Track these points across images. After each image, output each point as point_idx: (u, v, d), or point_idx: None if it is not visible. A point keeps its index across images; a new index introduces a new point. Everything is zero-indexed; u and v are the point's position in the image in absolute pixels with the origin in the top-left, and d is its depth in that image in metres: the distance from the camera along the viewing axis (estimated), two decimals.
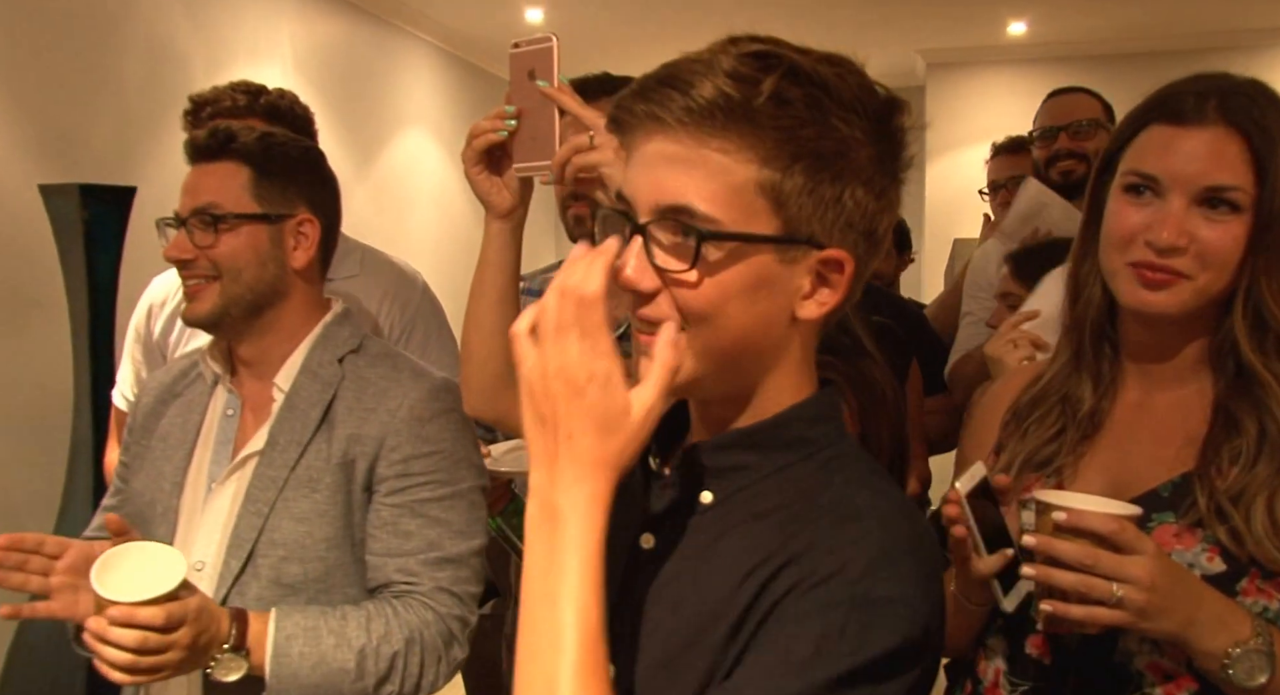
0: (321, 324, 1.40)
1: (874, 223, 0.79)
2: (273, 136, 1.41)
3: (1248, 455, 1.02)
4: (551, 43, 1.17)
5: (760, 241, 0.76)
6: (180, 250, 1.35)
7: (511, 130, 1.19)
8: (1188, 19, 5.36)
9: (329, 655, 1.24)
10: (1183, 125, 1.03)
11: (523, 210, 1.24)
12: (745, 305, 0.77)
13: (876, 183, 0.78)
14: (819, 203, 0.76)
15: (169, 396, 1.46)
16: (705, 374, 0.79)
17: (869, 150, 0.77)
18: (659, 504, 0.86)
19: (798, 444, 0.82)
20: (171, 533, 1.36)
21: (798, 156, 0.75)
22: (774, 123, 0.74)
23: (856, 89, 0.76)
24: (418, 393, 1.35)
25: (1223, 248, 1.02)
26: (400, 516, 1.32)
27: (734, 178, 0.75)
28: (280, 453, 1.32)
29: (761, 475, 0.82)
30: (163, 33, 3.58)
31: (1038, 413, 1.16)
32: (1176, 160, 1.03)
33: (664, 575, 0.83)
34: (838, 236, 0.78)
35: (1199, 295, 1.04)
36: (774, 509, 0.80)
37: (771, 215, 0.76)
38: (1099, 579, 0.94)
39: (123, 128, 3.35)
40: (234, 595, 1.29)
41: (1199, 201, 1.02)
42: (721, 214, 0.75)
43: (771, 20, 5.33)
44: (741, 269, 0.76)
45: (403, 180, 5.28)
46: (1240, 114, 1.01)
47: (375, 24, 5.00)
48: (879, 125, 0.77)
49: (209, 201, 1.35)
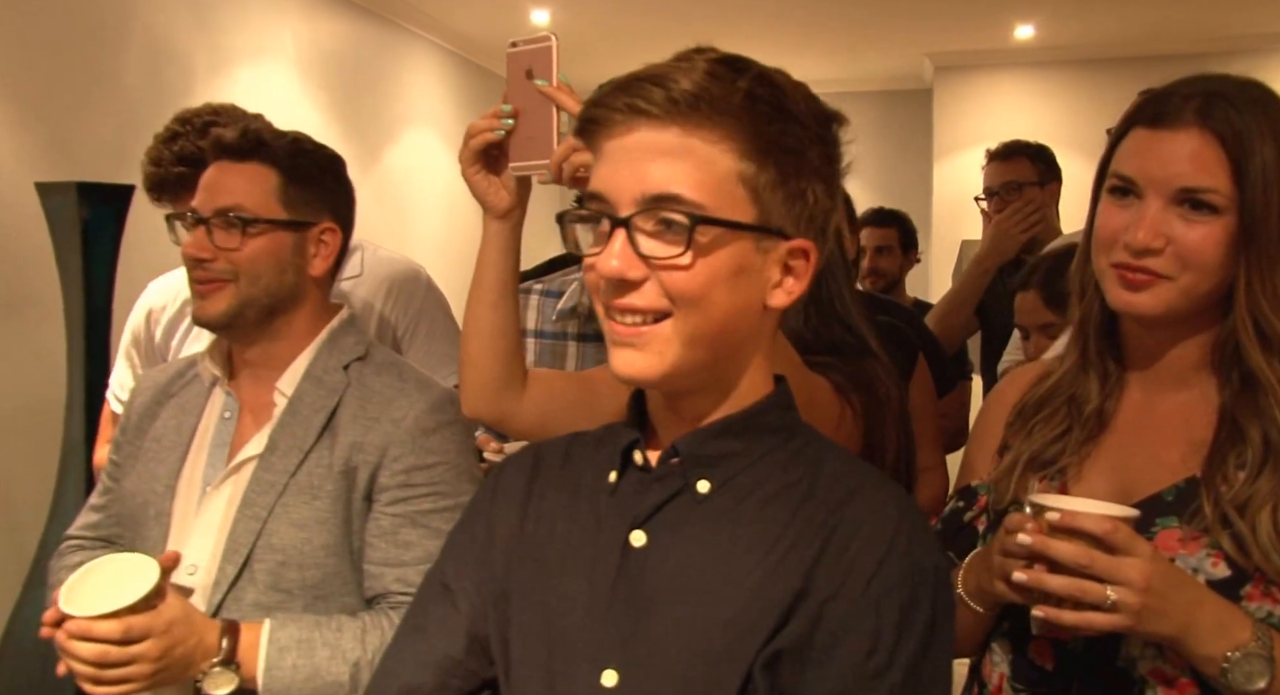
0: (327, 330, 1.39)
1: (827, 219, 0.86)
2: (301, 143, 1.40)
3: (1253, 464, 1.02)
4: (550, 42, 1.16)
5: (744, 229, 0.81)
6: (199, 249, 1.32)
7: (508, 129, 1.18)
8: (1194, 23, 5.36)
9: (323, 668, 1.22)
10: (1161, 128, 1.04)
11: (520, 210, 1.24)
12: (728, 291, 0.81)
13: (829, 182, 0.85)
14: (787, 196, 0.82)
15: (164, 397, 1.45)
16: (693, 361, 0.82)
17: (819, 151, 0.84)
18: (647, 500, 0.86)
19: (776, 430, 0.88)
20: (164, 535, 1.34)
21: (769, 151, 0.81)
22: (750, 118, 0.79)
23: (805, 99, 0.83)
24: (423, 404, 1.34)
25: (1201, 249, 1.01)
26: (401, 526, 1.30)
27: (718, 168, 0.80)
28: (280, 458, 1.31)
29: (750, 461, 0.86)
30: (164, 31, 3.57)
31: (1044, 411, 1.16)
32: (1152, 163, 1.04)
33: (668, 569, 0.84)
34: (802, 229, 0.84)
35: (1183, 296, 1.04)
36: (781, 490, 0.85)
37: (750, 205, 0.81)
38: (1091, 583, 0.94)
39: (122, 127, 3.34)
40: (230, 600, 1.28)
41: (1177, 202, 1.02)
42: (708, 201, 0.79)
43: (775, 22, 5.32)
44: (727, 254, 0.80)
45: (407, 180, 5.28)
46: (1218, 118, 1.01)
47: (380, 24, 4.99)
48: (824, 131, 0.84)
49: (235, 203, 1.32)
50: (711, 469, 0.86)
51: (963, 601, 1.10)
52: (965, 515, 1.21)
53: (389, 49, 5.12)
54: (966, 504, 1.21)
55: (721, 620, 0.81)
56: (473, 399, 1.28)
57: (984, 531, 1.18)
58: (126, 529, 1.40)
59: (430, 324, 1.93)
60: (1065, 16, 5.32)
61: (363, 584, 1.31)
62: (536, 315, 1.72)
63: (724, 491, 0.85)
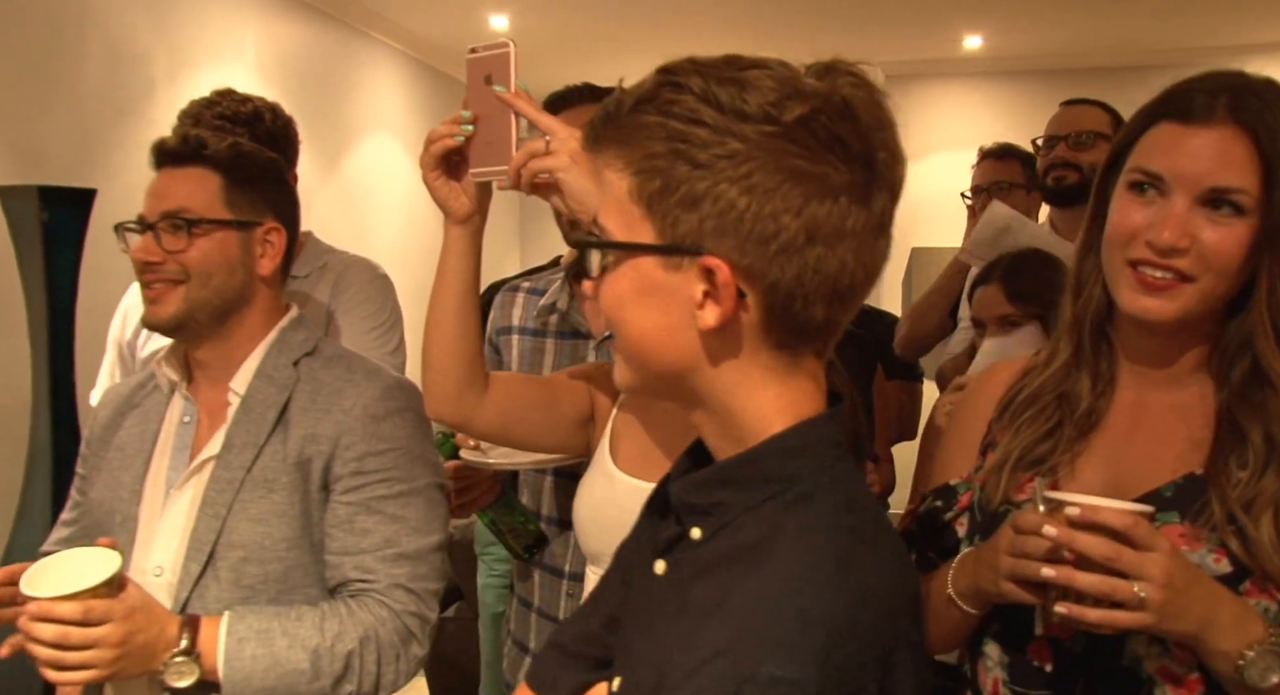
0: (277, 329, 1.41)
1: (766, 227, 0.73)
2: (241, 145, 1.42)
3: (1256, 463, 1.00)
4: (509, 48, 1.17)
5: (624, 248, 0.77)
6: (148, 252, 1.35)
7: (468, 135, 1.19)
8: (1142, 35, 5.48)
9: (282, 656, 1.24)
10: (1190, 123, 1.00)
11: (481, 216, 1.25)
12: (638, 312, 0.78)
13: (759, 183, 0.72)
14: (687, 206, 0.74)
15: (127, 408, 1.46)
16: (639, 380, 0.83)
17: (750, 147, 0.72)
18: (666, 531, 0.85)
19: (773, 479, 0.78)
20: (131, 541, 1.35)
21: (656, 158, 0.74)
22: (639, 130, 0.75)
23: (738, 92, 0.72)
24: (372, 391, 1.36)
25: (1224, 251, 0.99)
26: (357, 514, 1.32)
27: (615, 189, 0.77)
28: (236, 455, 1.32)
29: (740, 511, 0.79)
30: (123, 33, 3.55)
31: (1033, 409, 1.12)
32: (1182, 159, 1.00)
33: (673, 607, 0.81)
34: (720, 243, 0.74)
35: (1201, 299, 1.01)
36: (739, 553, 0.77)
37: (646, 222, 0.76)
38: (1121, 580, 0.92)
39: (82, 130, 3.32)
40: (194, 598, 1.29)
41: (1203, 202, 0.99)
42: (613, 225, 0.78)
43: (731, 30, 5.38)
44: (627, 275, 0.78)
45: (367, 185, 5.26)
46: (1250, 114, 0.98)
47: (340, 28, 4.98)
48: (766, 124, 0.72)
49: (180, 206, 1.35)
50: (703, 517, 0.81)
51: (954, 602, 1.08)
52: (945, 514, 1.18)
53: (349, 54, 5.11)
54: (945, 503, 1.19)
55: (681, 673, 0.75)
56: (435, 401, 1.29)
57: (970, 531, 1.15)
58: (95, 539, 1.40)
59: (355, 288, 1.92)
60: (1013, 28, 5.41)
61: (325, 575, 1.33)
62: (522, 312, 1.74)
63: (712, 541, 0.80)
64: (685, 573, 0.81)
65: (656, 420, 1.35)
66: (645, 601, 0.86)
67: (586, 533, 1.36)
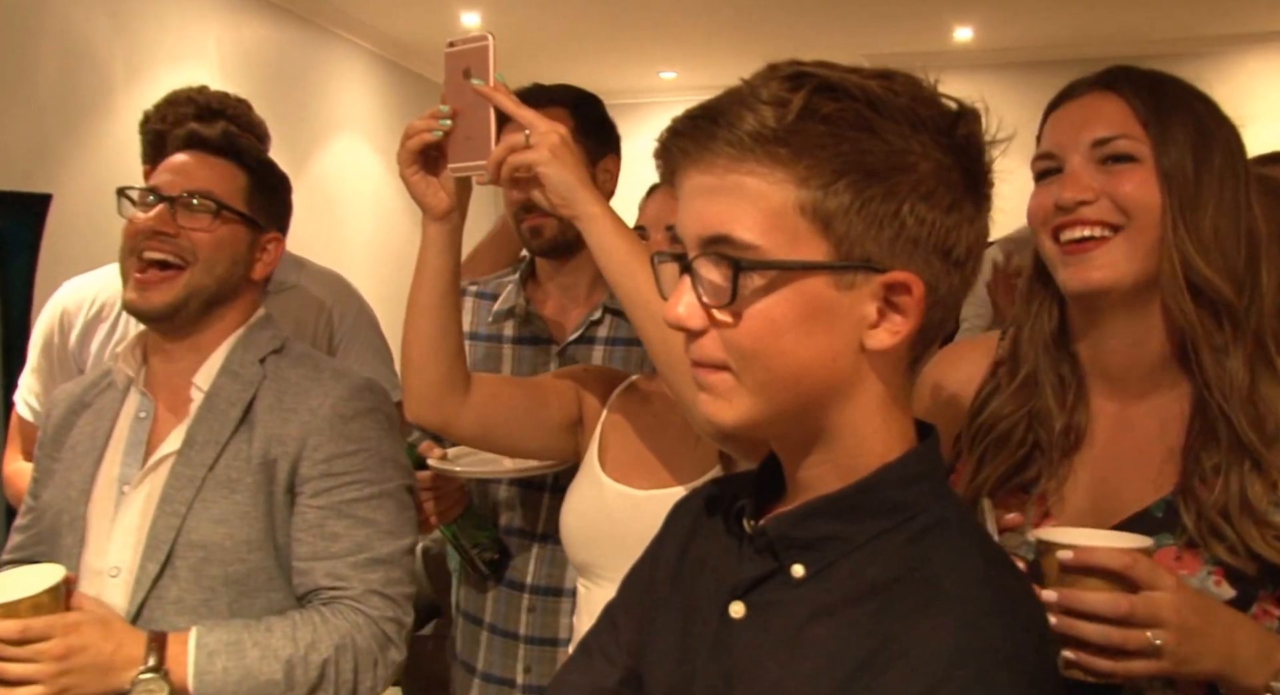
0: (244, 326, 1.40)
1: (947, 240, 0.72)
2: (265, 154, 1.47)
3: (1225, 464, 0.98)
4: (487, 41, 1.16)
5: (802, 269, 0.71)
6: (163, 222, 1.32)
7: (447, 130, 1.17)
8: (1132, 26, 5.53)
9: (254, 668, 1.21)
10: (1064, 102, 1.07)
11: (460, 213, 1.22)
12: (800, 338, 0.72)
13: (942, 196, 0.72)
14: (871, 221, 0.70)
15: (79, 407, 1.43)
16: (766, 414, 0.75)
17: (930, 163, 0.71)
18: (750, 570, 0.79)
19: (892, 510, 0.75)
20: (80, 541, 1.32)
21: (840, 173, 0.70)
22: (809, 140, 0.70)
23: (910, 101, 0.72)
24: (339, 391, 1.33)
25: (1134, 194, 1.00)
26: (327, 518, 1.29)
27: (771, 202, 0.71)
28: (198, 452, 1.30)
29: (855, 545, 0.75)
30: (80, 33, 3.48)
31: (995, 434, 1.09)
32: (1062, 129, 1.06)
33: (755, 652, 0.76)
34: (902, 257, 0.72)
35: (1132, 250, 1.00)
36: (870, 592, 0.73)
37: (820, 238, 0.71)
38: (1132, 631, 0.87)
39: (37, 133, 3.24)
40: (152, 599, 1.26)
41: (1097, 160, 1.02)
42: (763, 240, 0.71)
43: (714, 23, 5.35)
44: (790, 298, 0.71)
45: (336, 186, 5.21)
46: (1117, 78, 1.04)
47: (305, 27, 4.92)
48: (941, 137, 0.72)
49: (209, 188, 1.35)
50: (809, 552, 0.76)
51: None
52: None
53: (316, 54, 5.05)
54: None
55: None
56: (416, 404, 1.26)
57: None
58: (47, 543, 1.38)
59: (363, 344, 1.96)
60: (1003, 19, 5.45)
61: (290, 580, 1.30)
62: (472, 317, 1.70)
63: (821, 578, 0.75)
64: (788, 614, 0.76)
65: (647, 425, 1.33)
66: (720, 654, 0.78)
67: (574, 542, 1.33)
